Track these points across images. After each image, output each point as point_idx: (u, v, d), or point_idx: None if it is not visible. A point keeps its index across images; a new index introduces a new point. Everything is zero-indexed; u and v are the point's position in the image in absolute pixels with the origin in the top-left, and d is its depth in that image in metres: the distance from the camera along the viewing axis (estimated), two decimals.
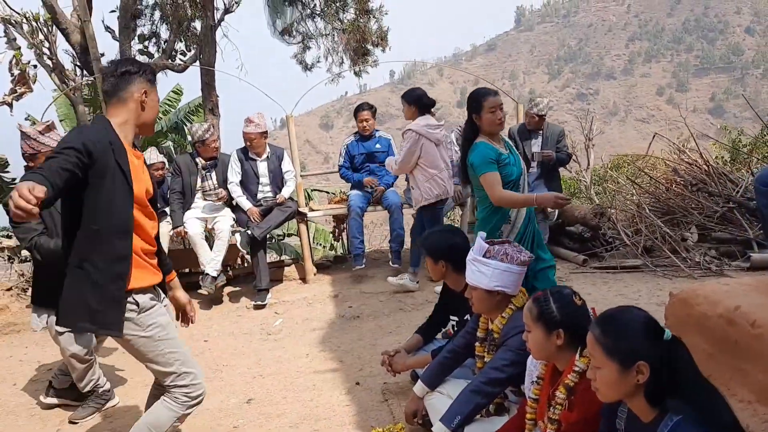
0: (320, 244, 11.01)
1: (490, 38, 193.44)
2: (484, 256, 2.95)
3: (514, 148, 3.95)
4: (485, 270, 2.92)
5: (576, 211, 6.45)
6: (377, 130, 6.63)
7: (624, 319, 1.90)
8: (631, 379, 1.84)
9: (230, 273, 6.79)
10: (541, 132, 6.48)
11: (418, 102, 5.68)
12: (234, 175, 6.16)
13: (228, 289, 6.56)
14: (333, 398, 3.97)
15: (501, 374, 2.85)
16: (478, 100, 3.76)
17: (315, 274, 6.66)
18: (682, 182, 6.36)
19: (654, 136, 7.22)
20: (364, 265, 6.28)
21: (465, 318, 3.48)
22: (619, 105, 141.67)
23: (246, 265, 7.17)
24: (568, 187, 8.76)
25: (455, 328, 3.69)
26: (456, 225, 6.67)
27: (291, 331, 5.31)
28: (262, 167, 6.23)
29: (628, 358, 1.83)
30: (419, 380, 3.33)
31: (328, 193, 8.63)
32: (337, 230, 7.54)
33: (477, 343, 3.17)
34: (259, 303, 5.94)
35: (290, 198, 6.32)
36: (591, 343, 1.92)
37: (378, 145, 6.54)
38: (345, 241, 7.66)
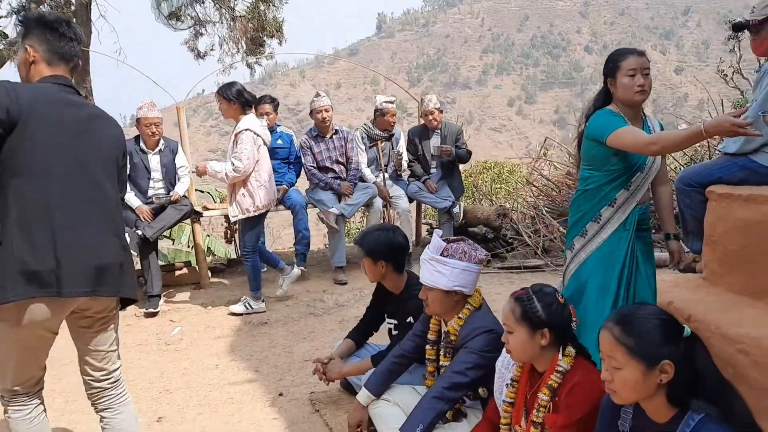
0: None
1: (353, 43, 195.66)
2: (441, 254, 2.82)
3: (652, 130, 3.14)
4: (443, 270, 2.79)
5: (479, 212, 6.53)
6: (278, 125, 6.32)
7: (644, 316, 1.83)
8: (654, 379, 1.77)
9: None
10: (439, 131, 6.49)
11: (240, 98, 5.02)
12: None
13: None
14: (256, 412, 3.66)
15: (464, 378, 2.72)
16: (614, 61, 3.03)
17: (210, 279, 6.21)
18: (574, 184, 6.63)
19: (546, 139, 7.54)
20: (265, 268, 5.95)
21: (408, 321, 3.33)
22: (474, 114, 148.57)
23: None
24: (468, 187, 8.91)
25: (393, 332, 3.53)
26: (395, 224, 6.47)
27: (193, 341, 4.88)
28: (154, 161, 5.71)
29: (652, 357, 1.77)
30: (363, 388, 3.13)
31: (202, 191, 8.11)
32: (229, 232, 7.10)
33: (428, 346, 3.03)
34: (151, 310, 5.43)
35: (184, 196, 5.85)
36: (609, 343, 1.83)
37: (279, 141, 6.23)
38: (237, 242, 7.23)
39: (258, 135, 5.05)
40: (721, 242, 3.46)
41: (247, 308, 5.30)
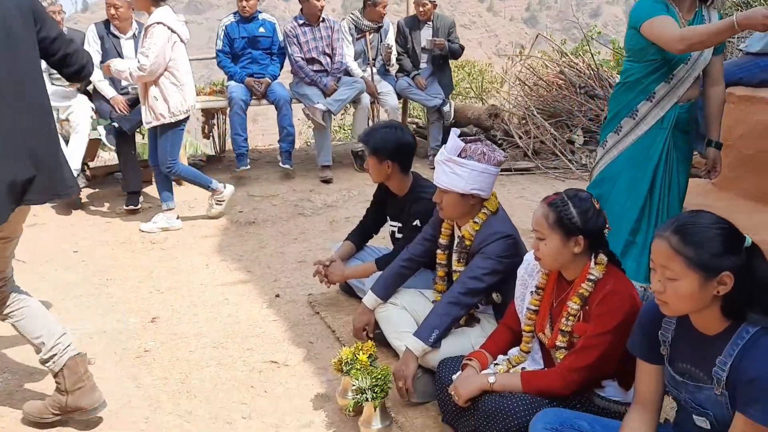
0: None
1: None
2: (459, 155, 2.66)
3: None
4: (461, 172, 2.64)
5: (469, 111, 6.33)
6: (260, 12, 5.91)
7: (704, 225, 1.72)
8: (711, 291, 1.69)
9: (89, 173, 5.88)
10: (431, 23, 6.16)
11: None
12: (92, 54, 5.17)
13: (87, 191, 5.68)
14: (254, 313, 3.58)
15: (480, 283, 2.64)
16: None
17: None
18: (566, 85, 6.45)
19: (537, 36, 7.25)
20: (249, 166, 5.73)
21: (414, 224, 3.21)
22: (444, 9, 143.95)
23: (105, 163, 6.27)
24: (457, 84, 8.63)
25: (397, 235, 3.42)
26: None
27: (179, 240, 4.72)
28: (128, 47, 5.29)
29: (712, 268, 1.67)
30: (370, 291, 3.05)
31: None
32: (206, 126, 6.80)
33: (439, 251, 2.93)
34: (132, 207, 5.21)
35: None
36: (666, 253, 1.72)
37: (261, 29, 5.84)
38: (216, 138, 6.95)
39: (174, 31, 4.49)
40: (736, 146, 3.38)
41: (166, 222, 4.91)
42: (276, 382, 2.91)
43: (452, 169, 2.65)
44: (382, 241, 3.89)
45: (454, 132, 2.72)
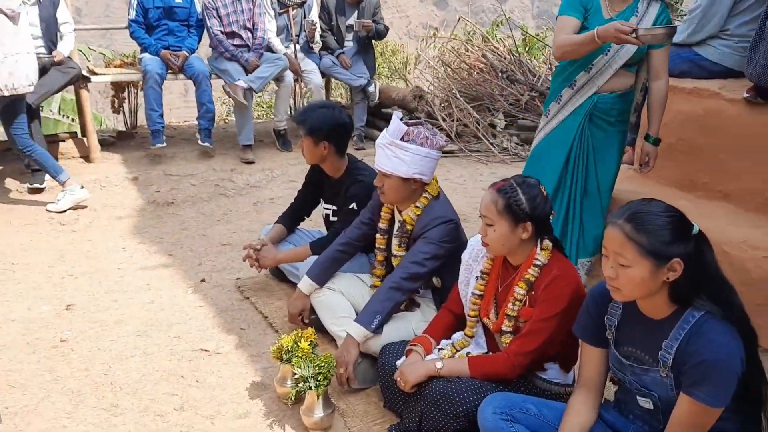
0: (68, 117, 9.39)
1: None
2: (401, 139, 2.62)
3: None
4: (403, 156, 2.60)
5: (394, 92, 6.28)
6: None
7: (655, 213, 1.76)
8: (661, 277, 1.73)
9: None
10: (357, 3, 6.05)
11: None
12: None
13: None
14: (178, 299, 3.42)
15: (422, 268, 2.62)
16: None
17: (100, 152, 5.62)
18: (488, 69, 6.53)
19: (459, 19, 7.28)
20: (165, 143, 5.45)
21: (351, 207, 3.15)
22: None
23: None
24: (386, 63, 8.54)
25: (331, 218, 3.34)
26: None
27: (92, 220, 4.44)
28: (32, 14, 4.88)
29: (663, 256, 1.71)
30: (305, 276, 2.97)
31: (104, 55, 7.23)
32: (116, 100, 6.41)
33: (378, 235, 2.89)
34: (37, 186, 4.85)
35: (68, 57, 5.11)
36: (618, 240, 1.75)
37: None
38: (127, 113, 6.57)
39: None
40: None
41: (72, 197, 4.58)
42: (208, 371, 2.79)
43: (395, 153, 2.60)
44: (311, 224, 3.81)
45: (397, 115, 2.67)
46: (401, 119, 2.66)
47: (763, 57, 2.97)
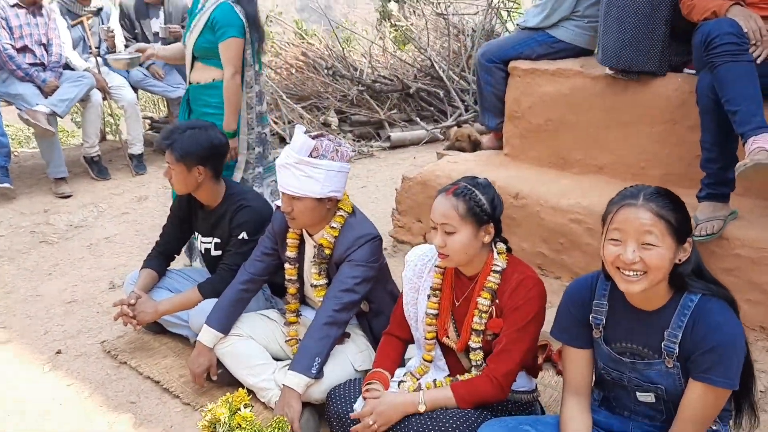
0: None
1: None
2: (310, 156, 2.32)
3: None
4: (316, 174, 2.30)
5: None
6: None
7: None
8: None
9: None
10: (162, 7, 5.46)
11: None
12: None
13: None
14: (37, 381, 2.76)
15: (355, 295, 2.36)
16: None
17: None
18: (309, 66, 6.29)
19: (267, 16, 6.90)
20: None
21: (240, 237, 2.76)
22: None
23: None
24: None
25: (213, 253, 2.91)
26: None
27: None
28: None
29: (684, 234, 1.65)
30: (205, 326, 2.55)
31: None
32: None
33: (288, 265, 2.56)
34: None
35: None
36: (647, 222, 1.62)
37: None
38: None
39: None
40: (526, 117, 3.57)
41: None
42: None
43: (305, 172, 2.29)
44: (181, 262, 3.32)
45: (300, 129, 2.36)
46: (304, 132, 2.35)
47: (604, 42, 3.12)
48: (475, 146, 4.48)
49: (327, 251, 2.43)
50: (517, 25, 3.71)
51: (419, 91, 6.27)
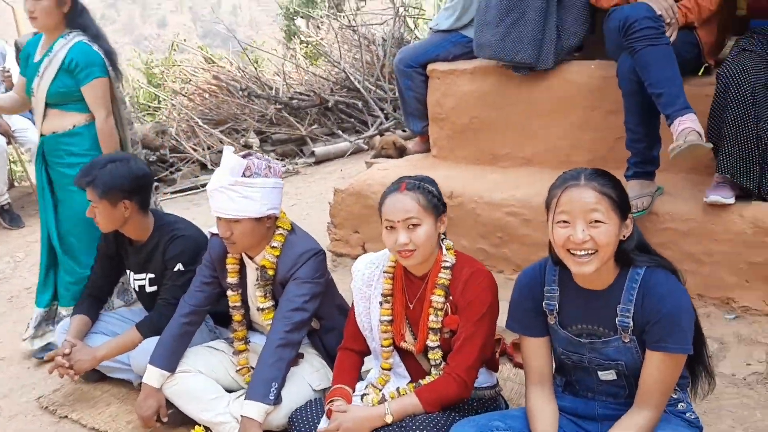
0: None
1: None
2: (244, 175, 2.25)
3: None
4: (253, 193, 2.25)
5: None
6: None
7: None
8: (619, 236, 1.70)
9: None
10: None
11: None
12: None
13: None
14: None
15: (305, 313, 2.30)
16: None
17: None
18: (222, 89, 6.17)
19: (174, 42, 6.72)
20: None
21: (176, 269, 2.64)
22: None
23: None
24: None
25: (148, 290, 2.78)
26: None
27: None
28: None
29: (625, 209, 1.70)
30: (150, 366, 2.42)
31: None
32: None
33: (230, 292, 2.47)
34: None
35: None
36: (591, 200, 1.65)
37: None
38: None
39: None
40: (450, 118, 3.61)
41: None
42: None
43: (241, 193, 2.23)
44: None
45: (229, 150, 2.29)
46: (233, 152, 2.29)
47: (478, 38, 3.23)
48: (401, 152, 4.49)
49: (270, 272, 2.37)
50: (430, 28, 3.76)
51: (338, 104, 6.26)
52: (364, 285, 2.21)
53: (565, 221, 1.68)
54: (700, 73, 2.93)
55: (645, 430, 1.70)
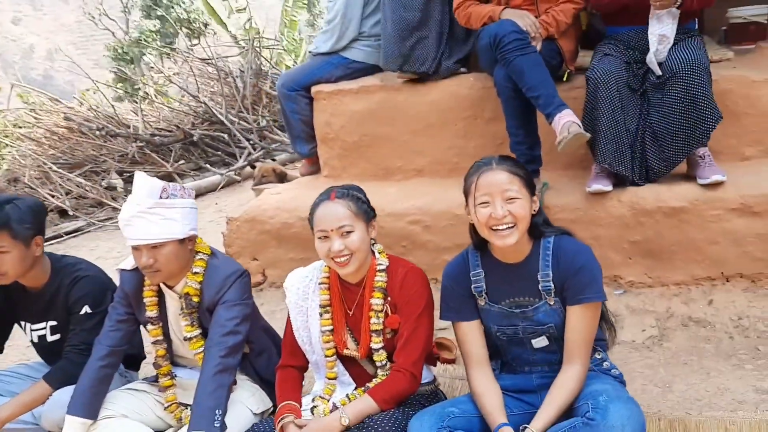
0: None
1: None
2: (161, 197, 2.19)
3: None
4: (174, 214, 2.20)
5: None
6: None
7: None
8: (531, 210, 1.91)
9: None
10: None
11: None
12: None
13: None
14: None
15: (238, 336, 2.24)
16: None
17: None
18: (75, 131, 5.80)
19: (12, 87, 6.17)
20: None
21: (83, 312, 2.45)
22: None
23: None
24: None
25: (50, 338, 2.55)
26: None
27: None
28: None
29: (533, 187, 1.93)
30: (69, 417, 2.23)
31: None
32: None
33: (151, 326, 2.35)
34: None
35: None
36: (505, 179, 1.86)
37: None
38: None
39: None
40: (340, 137, 3.70)
41: None
42: None
43: (163, 215, 2.16)
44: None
45: (141, 174, 2.21)
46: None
47: (388, 52, 3.41)
48: (281, 178, 4.51)
49: (195, 299, 2.29)
50: (310, 52, 3.83)
51: (203, 138, 6.11)
52: (299, 299, 2.21)
53: (485, 202, 1.87)
54: (564, 79, 3.25)
55: (575, 383, 1.88)
